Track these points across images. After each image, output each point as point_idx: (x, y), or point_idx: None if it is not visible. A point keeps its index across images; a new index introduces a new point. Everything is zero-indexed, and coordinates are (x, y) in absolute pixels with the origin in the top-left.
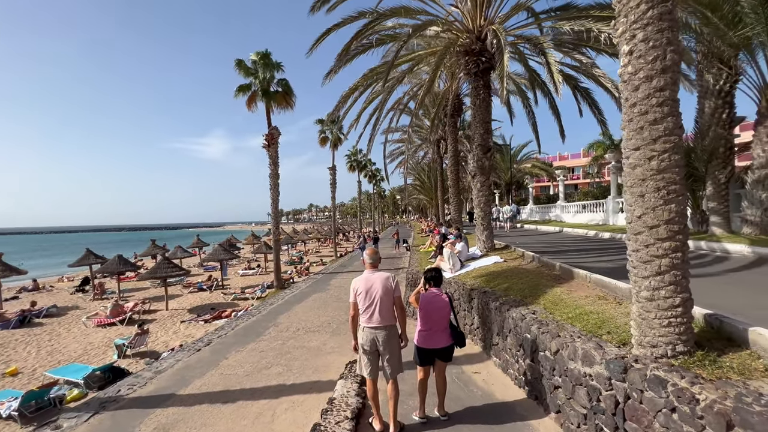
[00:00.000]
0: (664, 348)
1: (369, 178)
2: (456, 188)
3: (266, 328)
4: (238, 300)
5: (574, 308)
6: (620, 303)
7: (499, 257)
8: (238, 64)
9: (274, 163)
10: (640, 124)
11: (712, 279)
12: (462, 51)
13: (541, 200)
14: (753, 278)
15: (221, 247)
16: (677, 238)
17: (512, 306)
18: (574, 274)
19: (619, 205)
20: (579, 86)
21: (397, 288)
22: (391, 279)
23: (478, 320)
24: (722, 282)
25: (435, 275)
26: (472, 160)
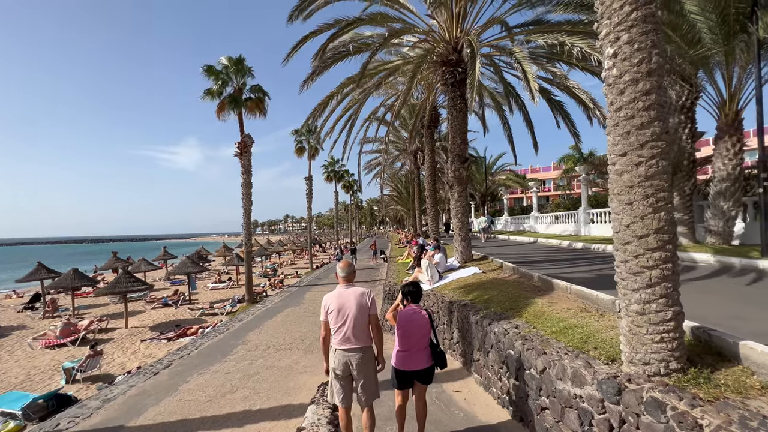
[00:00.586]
0: (656, 365)
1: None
2: (433, 199)
3: (234, 347)
4: (206, 316)
5: (557, 321)
6: (603, 315)
7: (477, 268)
8: (207, 70)
9: (246, 172)
10: (627, 129)
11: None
12: (439, 62)
13: (515, 211)
14: (722, 287)
15: (189, 260)
16: (667, 248)
17: (494, 320)
18: (554, 285)
19: (590, 216)
20: (552, 99)
21: (373, 305)
22: (367, 295)
23: (458, 334)
24: (694, 291)
25: (413, 290)
26: (450, 170)
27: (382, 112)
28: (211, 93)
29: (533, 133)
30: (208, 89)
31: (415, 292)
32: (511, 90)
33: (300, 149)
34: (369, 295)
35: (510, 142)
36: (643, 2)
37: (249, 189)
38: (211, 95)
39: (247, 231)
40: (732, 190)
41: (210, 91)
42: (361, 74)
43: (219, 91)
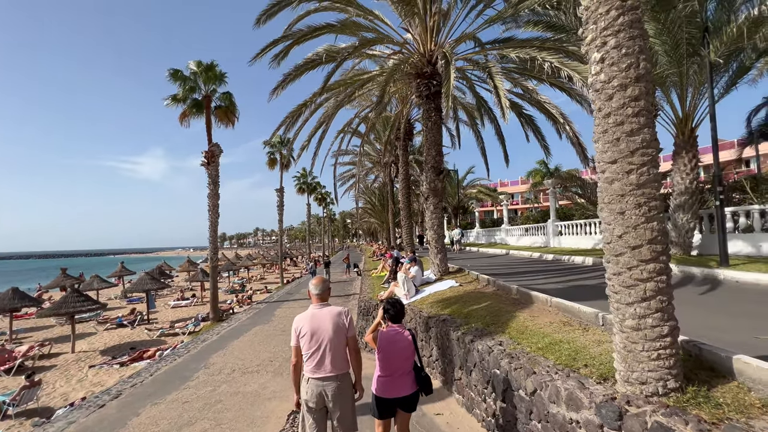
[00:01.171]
0: (654, 385)
1: (319, 201)
2: (407, 211)
3: (194, 371)
4: (165, 336)
5: (542, 337)
6: (587, 329)
7: (454, 281)
8: (173, 74)
9: (213, 183)
10: (617, 136)
11: None
12: (413, 74)
13: (486, 224)
14: (690, 297)
15: (148, 276)
16: (661, 259)
17: (476, 336)
18: (534, 298)
19: (558, 228)
20: (523, 113)
21: (351, 326)
22: (344, 315)
23: (437, 351)
24: None
25: (395, 309)
26: (425, 182)
27: (356, 124)
28: (176, 99)
29: (504, 147)
30: (173, 95)
31: (396, 311)
32: (483, 104)
33: (272, 161)
34: (347, 315)
35: (483, 155)
36: (630, 7)
37: (216, 200)
38: (176, 101)
39: (213, 245)
40: (690, 203)
41: (176, 98)
42: (325, 83)
43: (184, 97)
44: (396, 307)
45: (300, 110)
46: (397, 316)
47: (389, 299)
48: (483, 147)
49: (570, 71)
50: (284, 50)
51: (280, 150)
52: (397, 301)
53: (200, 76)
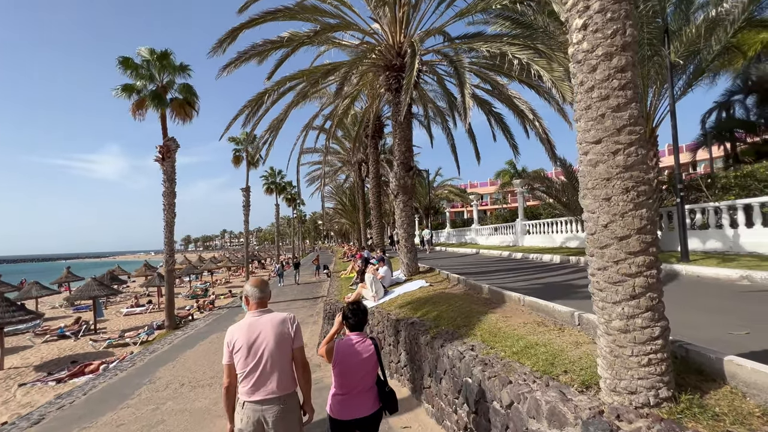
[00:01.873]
0: (645, 394)
1: (288, 201)
2: (378, 211)
3: (137, 387)
4: (114, 347)
5: (516, 340)
6: (562, 330)
7: (424, 281)
8: (124, 62)
9: (169, 180)
10: (601, 111)
11: None
12: (382, 66)
13: (456, 224)
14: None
15: (96, 282)
16: (650, 251)
17: (446, 340)
18: (506, 297)
19: (526, 227)
20: (493, 111)
21: (298, 335)
22: (289, 322)
23: (405, 357)
24: None
25: (358, 317)
26: (394, 179)
27: (322, 120)
28: (128, 89)
29: (475, 144)
30: (125, 85)
31: (358, 319)
32: (453, 101)
33: (237, 158)
34: (292, 322)
35: (453, 152)
36: None
37: (172, 199)
38: (127, 92)
39: (168, 246)
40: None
41: (128, 88)
42: (277, 65)
43: (137, 88)
44: (357, 315)
45: (261, 99)
46: (359, 323)
47: (351, 303)
48: (453, 144)
49: (539, 69)
50: (230, 34)
51: (246, 147)
52: (359, 306)
53: (154, 65)
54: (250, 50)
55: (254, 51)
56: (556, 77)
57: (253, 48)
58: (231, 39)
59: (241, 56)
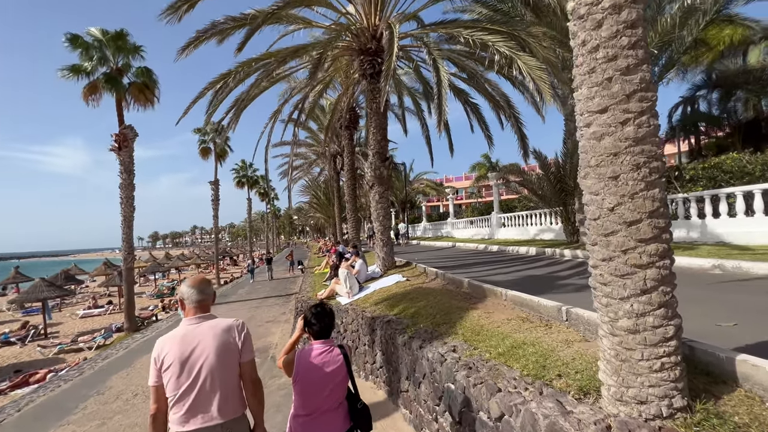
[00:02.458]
0: (657, 405)
1: (261, 195)
2: (353, 205)
3: (82, 399)
4: (65, 353)
5: (502, 339)
6: (549, 326)
7: (401, 276)
8: (73, 40)
9: (126, 171)
10: (608, 75)
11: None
12: (357, 50)
13: (433, 218)
14: None
15: (45, 282)
16: (663, 237)
17: (425, 340)
18: (487, 292)
19: (501, 220)
20: (469, 101)
21: (246, 345)
22: (237, 330)
23: (381, 358)
24: None
25: (323, 322)
26: (369, 170)
27: (292, 108)
28: (77, 70)
29: (449, 136)
30: (74, 65)
31: (324, 324)
32: (429, 90)
33: (204, 150)
34: (240, 329)
35: (428, 143)
36: None
37: (131, 192)
38: (76, 73)
39: (126, 243)
40: None
41: (77, 68)
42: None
43: (87, 69)
44: (323, 319)
45: (224, 80)
46: (324, 329)
47: (314, 306)
48: (428, 136)
49: (522, 64)
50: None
51: (213, 138)
52: (324, 309)
53: (107, 46)
54: (210, 29)
55: (214, 29)
56: (537, 76)
57: (213, 26)
58: (188, 6)
59: (200, 36)
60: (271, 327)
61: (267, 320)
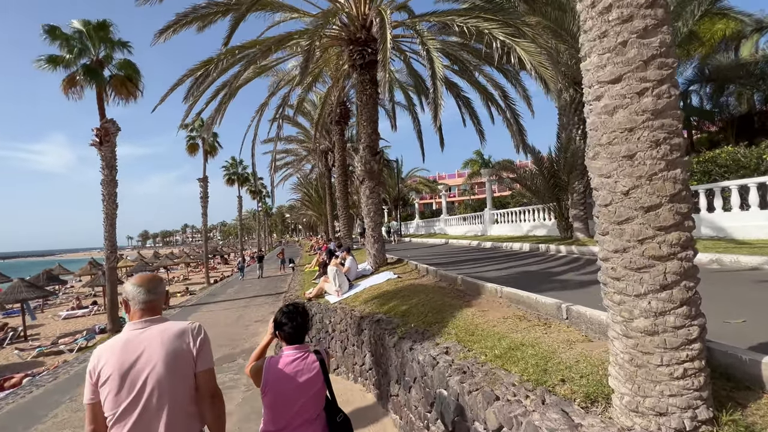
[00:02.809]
0: (679, 417)
1: (253, 193)
2: (345, 202)
3: (54, 406)
4: (45, 356)
5: (498, 339)
6: (548, 325)
7: (392, 273)
8: (50, 31)
9: (108, 167)
10: (622, 38)
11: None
12: (346, 39)
13: (425, 215)
14: None
15: (24, 283)
16: (686, 225)
17: (416, 341)
18: (481, 289)
19: (494, 216)
20: (461, 95)
21: (204, 352)
22: (191, 335)
23: (370, 359)
24: None
25: (295, 322)
26: (360, 164)
27: (279, 101)
28: (55, 61)
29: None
30: (51, 56)
31: (296, 325)
32: (421, 83)
33: (192, 146)
34: (195, 334)
35: (419, 138)
36: None
37: (113, 188)
38: (54, 64)
39: (109, 241)
40: None
41: (54, 59)
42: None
43: (70, 61)
44: (295, 320)
45: (205, 68)
46: (297, 332)
47: (286, 305)
48: (419, 130)
49: (521, 50)
50: None
51: (201, 134)
52: (297, 308)
53: (87, 37)
54: (191, 12)
55: (195, 14)
56: (538, 62)
57: (194, 10)
58: None
59: (180, 20)
60: (260, 327)
61: (255, 320)
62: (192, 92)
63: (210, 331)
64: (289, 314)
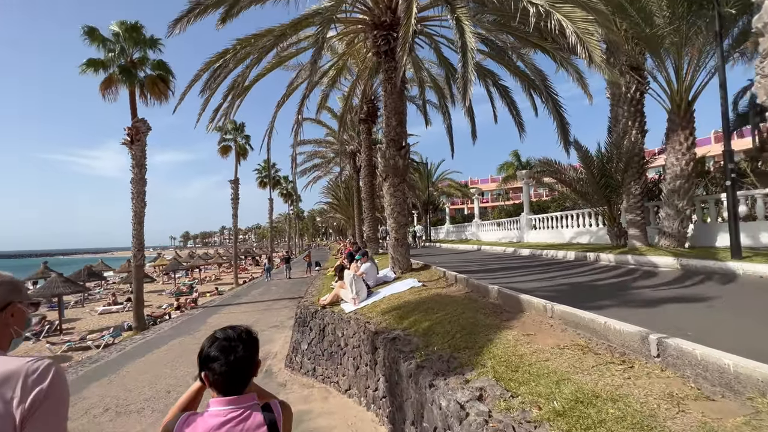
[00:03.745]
0: None
1: (284, 196)
2: (371, 203)
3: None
4: (73, 350)
5: (555, 382)
6: (630, 364)
7: (416, 280)
8: (89, 33)
9: (138, 166)
10: None
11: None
12: (370, 23)
13: (456, 220)
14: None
15: (61, 278)
16: None
17: (438, 374)
18: (523, 304)
19: (532, 221)
20: (498, 83)
21: (39, 417)
22: (21, 381)
23: (384, 385)
24: (704, 308)
25: (227, 354)
26: (383, 159)
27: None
28: (95, 64)
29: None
30: (91, 60)
31: (226, 357)
32: (452, 72)
33: (225, 148)
34: (32, 381)
35: (449, 133)
36: None
37: (142, 187)
38: (93, 67)
39: (136, 239)
40: (686, 188)
41: (94, 62)
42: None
43: (106, 63)
44: (232, 352)
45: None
46: (234, 375)
47: (224, 328)
48: (450, 125)
49: (561, 17)
50: None
51: (234, 137)
52: (236, 335)
53: (124, 39)
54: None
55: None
56: (582, 29)
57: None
58: None
59: (196, 6)
60: (274, 333)
61: (272, 325)
62: (209, 85)
63: None
64: (221, 344)
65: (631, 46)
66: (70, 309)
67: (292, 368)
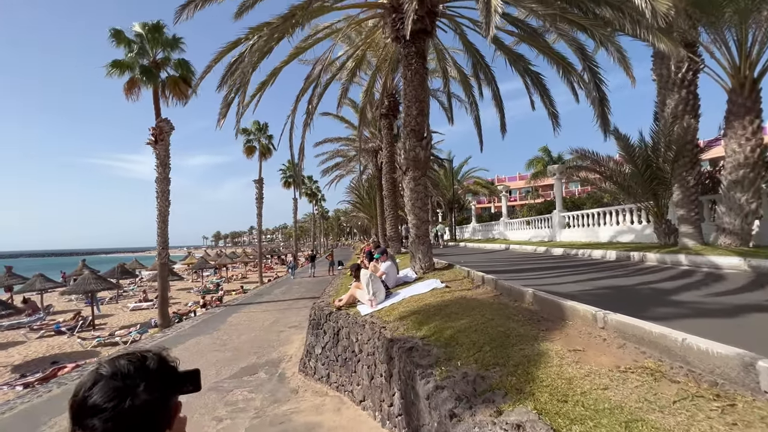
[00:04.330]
0: None
1: (309, 196)
2: (393, 200)
3: (62, 411)
4: (102, 346)
5: (622, 424)
6: (730, 401)
7: (438, 281)
8: (116, 35)
9: (162, 165)
10: None
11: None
12: (389, 6)
13: (483, 219)
14: None
15: (93, 275)
16: None
17: (461, 398)
18: (566, 311)
19: (565, 219)
20: (529, 69)
21: None
22: None
23: (399, 401)
24: None
25: (115, 403)
26: (403, 151)
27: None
28: (120, 66)
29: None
30: (115, 61)
31: (117, 403)
32: (479, 60)
33: (249, 149)
34: None
35: (477, 125)
36: None
37: (166, 186)
38: (119, 68)
39: (161, 237)
40: (751, 178)
41: (119, 64)
42: None
43: (130, 64)
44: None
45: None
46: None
47: (106, 362)
48: (477, 116)
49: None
50: None
51: (258, 137)
52: (128, 374)
53: (146, 39)
54: None
55: None
56: None
57: None
58: None
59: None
60: (293, 334)
61: (291, 325)
62: (224, 78)
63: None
64: (109, 384)
65: (684, 19)
66: (105, 305)
67: (305, 373)
